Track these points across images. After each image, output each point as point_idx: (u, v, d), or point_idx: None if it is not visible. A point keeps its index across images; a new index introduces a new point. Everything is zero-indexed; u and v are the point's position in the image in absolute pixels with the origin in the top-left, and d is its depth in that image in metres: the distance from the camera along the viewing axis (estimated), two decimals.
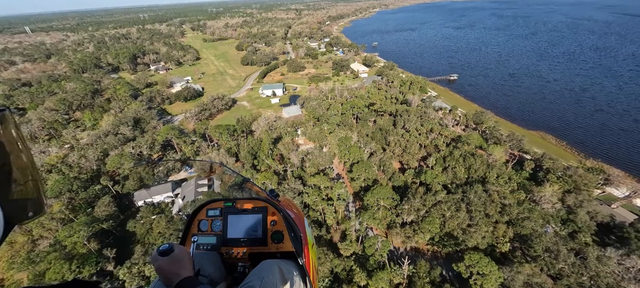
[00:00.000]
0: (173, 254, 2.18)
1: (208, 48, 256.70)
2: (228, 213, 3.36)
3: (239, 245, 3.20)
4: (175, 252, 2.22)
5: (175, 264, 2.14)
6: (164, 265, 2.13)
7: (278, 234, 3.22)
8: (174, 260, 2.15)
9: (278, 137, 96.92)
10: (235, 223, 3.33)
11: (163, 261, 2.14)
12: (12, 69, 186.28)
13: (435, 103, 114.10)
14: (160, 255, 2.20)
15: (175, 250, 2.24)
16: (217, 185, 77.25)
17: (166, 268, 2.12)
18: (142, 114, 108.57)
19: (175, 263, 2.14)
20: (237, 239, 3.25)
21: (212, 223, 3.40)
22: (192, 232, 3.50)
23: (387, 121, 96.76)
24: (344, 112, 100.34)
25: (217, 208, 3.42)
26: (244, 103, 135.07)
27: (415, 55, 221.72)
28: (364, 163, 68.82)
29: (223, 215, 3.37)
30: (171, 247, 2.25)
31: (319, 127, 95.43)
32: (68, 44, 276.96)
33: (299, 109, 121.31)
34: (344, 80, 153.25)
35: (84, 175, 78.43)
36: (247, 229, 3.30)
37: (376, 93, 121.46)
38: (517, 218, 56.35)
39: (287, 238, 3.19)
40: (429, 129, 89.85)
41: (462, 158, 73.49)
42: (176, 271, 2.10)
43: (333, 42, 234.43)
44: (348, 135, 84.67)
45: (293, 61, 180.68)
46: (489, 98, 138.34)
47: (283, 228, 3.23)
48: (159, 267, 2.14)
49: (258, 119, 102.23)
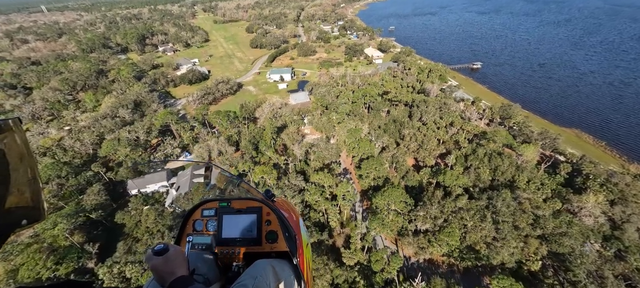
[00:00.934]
0: (168, 254, 2.17)
1: (218, 30, 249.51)
2: (223, 214, 3.27)
3: (233, 245, 3.13)
4: (170, 252, 2.21)
5: (170, 264, 2.13)
6: (158, 264, 2.11)
7: (272, 234, 3.17)
8: (168, 260, 2.13)
9: (283, 126, 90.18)
10: (230, 224, 3.25)
11: (157, 261, 2.13)
12: (24, 48, 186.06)
13: (456, 93, 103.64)
14: (155, 254, 2.18)
15: (170, 250, 2.22)
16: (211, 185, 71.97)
17: (160, 267, 2.11)
18: (144, 96, 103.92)
19: (169, 263, 2.13)
20: (232, 239, 3.18)
21: (207, 223, 3.30)
22: (187, 231, 3.36)
23: (402, 112, 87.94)
24: (354, 101, 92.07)
25: (212, 209, 3.33)
26: (250, 88, 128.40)
27: (435, 41, 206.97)
28: (374, 160, 61.20)
29: (218, 215, 3.29)
30: (166, 247, 2.23)
31: (327, 116, 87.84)
32: (80, 23, 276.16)
33: (307, 95, 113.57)
34: (356, 66, 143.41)
35: (78, 159, 74.76)
36: (242, 229, 3.22)
37: (391, 81, 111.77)
38: (552, 233, 47.93)
39: (281, 238, 3.14)
40: (449, 122, 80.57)
41: (487, 157, 64.58)
42: (170, 270, 2.09)
43: (347, 26, 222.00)
44: (358, 127, 76.81)
45: (304, 45, 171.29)
46: (515, 90, 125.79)
47: (277, 228, 3.18)
48: (154, 266, 2.12)
49: (262, 105, 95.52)
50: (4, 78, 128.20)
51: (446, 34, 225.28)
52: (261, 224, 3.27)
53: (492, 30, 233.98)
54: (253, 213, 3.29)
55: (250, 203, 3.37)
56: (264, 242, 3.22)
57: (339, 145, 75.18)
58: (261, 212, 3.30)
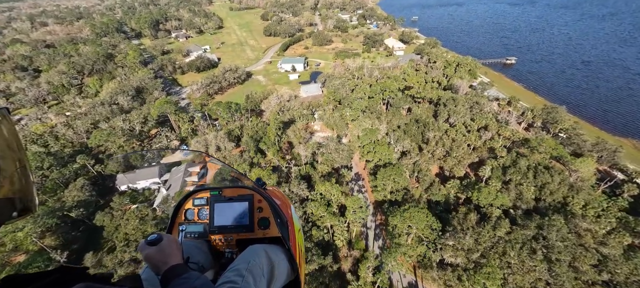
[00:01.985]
0: (161, 244, 2.14)
1: (233, 17, 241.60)
2: (214, 202, 3.25)
3: (226, 233, 3.14)
4: (164, 241, 2.18)
5: (163, 253, 2.11)
6: (152, 254, 2.09)
7: (264, 221, 3.19)
8: (162, 249, 2.11)
9: (290, 120, 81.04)
10: (221, 212, 3.23)
11: (151, 250, 2.11)
12: (42, 30, 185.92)
13: (489, 92, 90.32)
14: (148, 244, 2.15)
15: (164, 240, 2.20)
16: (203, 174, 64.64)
17: (154, 257, 2.09)
18: (146, 83, 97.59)
19: (163, 252, 2.11)
20: (224, 227, 3.17)
21: (198, 212, 3.27)
22: (178, 221, 3.32)
23: (426, 111, 76.44)
24: (372, 96, 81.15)
25: (204, 197, 3.29)
26: (259, 77, 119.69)
27: (462, 34, 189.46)
28: (393, 169, 50.77)
29: (209, 203, 3.26)
30: (160, 237, 2.21)
31: (340, 111, 77.74)
32: (100, 8, 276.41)
33: (319, 88, 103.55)
34: (375, 58, 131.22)
35: (69, 149, 69.10)
36: (234, 217, 3.21)
37: (413, 74, 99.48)
38: (627, 282, 36.38)
39: (273, 224, 3.16)
40: (482, 125, 68.44)
41: (531, 171, 52.72)
42: (164, 259, 2.07)
43: (367, 15, 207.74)
44: (375, 127, 66.40)
45: (319, 33, 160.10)
46: (556, 89, 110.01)
47: (269, 215, 3.19)
48: (147, 256, 2.10)
49: (269, 97, 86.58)
50: (15, 60, 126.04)
51: (475, 26, 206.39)
52: (253, 211, 3.21)
53: (526, 23, 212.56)
54: (245, 201, 3.24)
55: (242, 191, 3.31)
56: (256, 229, 3.18)
57: (352, 146, 65.17)
58: (253, 200, 3.24)
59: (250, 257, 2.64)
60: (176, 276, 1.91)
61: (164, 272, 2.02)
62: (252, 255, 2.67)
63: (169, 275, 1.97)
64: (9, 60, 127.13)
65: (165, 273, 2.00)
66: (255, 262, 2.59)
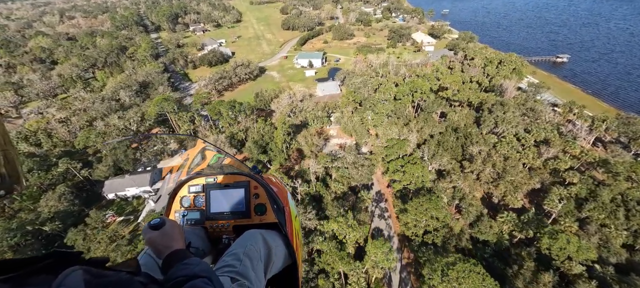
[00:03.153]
0: (164, 228, 2.13)
1: (252, 10, 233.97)
2: (210, 189, 3.22)
3: (222, 219, 3.13)
4: (167, 225, 2.17)
5: (166, 237, 2.10)
6: (155, 238, 2.09)
7: (261, 207, 3.16)
8: (165, 233, 2.11)
9: (303, 123, 70.30)
10: (218, 198, 3.20)
11: (154, 234, 2.10)
12: (67, 24, 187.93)
13: (544, 96, 74.23)
14: (151, 229, 2.14)
15: (167, 224, 2.18)
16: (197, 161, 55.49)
17: (157, 241, 2.08)
18: (153, 77, 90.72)
19: (166, 236, 2.10)
20: (221, 213, 3.16)
21: (195, 199, 3.23)
22: (174, 209, 3.29)
23: (465, 117, 62.53)
24: (399, 97, 68.24)
25: (199, 184, 3.25)
26: (273, 73, 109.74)
27: (499, 28, 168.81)
28: (429, 201, 38.23)
29: (205, 190, 3.22)
30: (163, 221, 2.18)
31: (361, 114, 65.78)
32: (126, 2, 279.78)
33: (337, 86, 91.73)
34: (401, 53, 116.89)
35: (60, 148, 62.74)
36: (230, 203, 3.19)
37: (447, 73, 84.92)
38: None
39: (270, 210, 3.14)
40: (541, 138, 53.74)
41: (620, 207, 38.24)
42: (167, 244, 2.07)
43: (392, 7, 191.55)
44: (403, 137, 53.93)
45: (340, 27, 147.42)
46: (622, 94, 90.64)
47: (266, 201, 3.16)
48: (150, 239, 2.10)
49: (281, 96, 76.13)
50: (33, 52, 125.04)
51: (514, 20, 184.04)
52: (249, 198, 3.17)
53: (575, 16, 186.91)
54: (241, 188, 3.20)
55: (238, 178, 3.25)
56: (253, 215, 3.15)
57: (374, 159, 53.11)
58: (249, 186, 3.20)
59: (248, 242, 2.60)
60: (178, 260, 1.87)
61: (167, 255, 1.98)
62: (250, 240, 2.63)
63: (171, 259, 1.93)
64: (29, 53, 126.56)
65: (168, 257, 1.96)
66: (253, 246, 2.55)
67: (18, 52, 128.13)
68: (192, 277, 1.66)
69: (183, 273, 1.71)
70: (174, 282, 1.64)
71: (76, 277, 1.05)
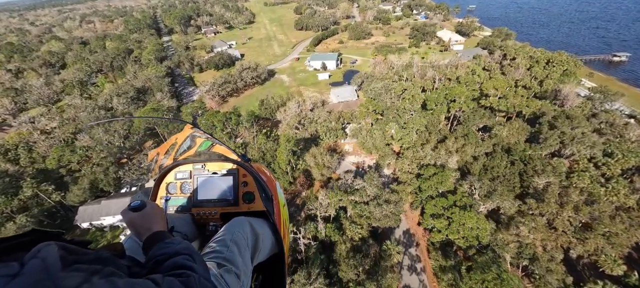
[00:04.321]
0: (145, 209, 2.04)
1: (266, 11, 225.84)
2: (198, 176, 3.13)
3: (210, 206, 3.06)
4: (147, 207, 2.07)
5: (147, 219, 2.01)
6: (134, 218, 2.01)
7: (249, 195, 3.08)
8: (145, 214, 2.02)
9: (314, 136, 59.01)
10: (205, 185, 3.12)
11: (134, 215, 2.02)
12: (84, 27, 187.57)
13: (615, 105, 58.58)
14: (131, 210, 2.05)
15: (147, 206, 2.09)
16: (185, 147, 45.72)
17: (137, 222, 2.00)
18: (153, 82, 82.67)
19: (146, 218, 2.01)
20: (208, 200, 3.09)
21: (181, 185, 3.14)
22: (160, 194, 3.22)
23: (517, 132, 48.65)
24: (431, 107, 55.23)
25: (187, 171, 3.15)
26: (283, 77, 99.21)
27: (536, 24, 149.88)
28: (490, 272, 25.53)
29: (192, 177, 3.13)
30: (143, 203, 2.10)
31: (382, 127, 53.59)
32: (144, 7, 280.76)
33: (354, 91, 79.63)
34: (427, 53, 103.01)
35: (40, 164, 54.90)
36: (218, 191, 3.11)
37: (484, 76, 70.65)
38: None
39: (258, 199, 3.06)
40: (629, 165, 39.25)
41: None
42: (148, 225, 1.98)
43: (413, 4, 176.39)
44: (440, 159, 41.20)
45: (356, 26, 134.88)
46: None
47: (254, 189, 3.09)
48: (130, 221, 2.02)
49: (289, 103, 65.12)
50: (42, 56, 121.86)
51: (553, 15, 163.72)
52: (238, 185, 3.08)
53: (623, 10, 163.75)
54: (229, 175, 3.12)
55: (226, 165, 3.15)
56: (241, 203, 3.08)
57: (402, 191, 40.58)
58: (237, 174, 3.11)
59: (235, 228, 2.56)
60: (159, 241, 1.80)
61: (147, 237, 1.90)
62: (237, 227, 2.60)
63: (152, 240, 1.85)
64: (39, 57, 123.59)
65: (148, 238, 1.88)
66: (240, 233, 2.52)
67: (31, 57, 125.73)
68: (173, 254, 1.60)
69: (164, 251, 1.64)
70: (154, 260, 1.58)
71: (51, 251, 0.99)
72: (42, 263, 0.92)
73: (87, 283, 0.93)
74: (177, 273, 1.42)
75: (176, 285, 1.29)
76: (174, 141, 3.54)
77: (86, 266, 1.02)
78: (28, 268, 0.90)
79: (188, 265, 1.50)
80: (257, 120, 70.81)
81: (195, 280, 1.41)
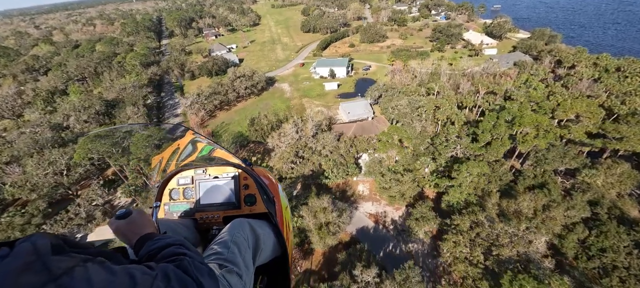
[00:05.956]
0: (131, 216, 2.03)
1: (273, 13, 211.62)
2: (199, 181, 3.12)
3: (212, 210, 3.06)
4: (134, 214, 2.06)
5: (134, 224, 1.98)
6: (121, 226, 1.99)
7: (251, 197, 3.08)
8: (132, 221, 2.01)
9: (314, 173, 43.07)
10: (207, 190, 3.11)
11: (120, 223, 2.00)
12: (82, 30, 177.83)
13: None
14: (117, 219, 2.05)
15: (134, 213, 2.08)
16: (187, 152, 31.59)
17: (124, 229, 1.98)
18: (128, 92, 68.39)
19: (133, 224, 1.99)
20: (211, 204, 3.08)
21: (184, 191, 3.14)
22: (163, 201, 3.18)
23: (619, 182, 31.37)
24: (483, 139, 38.08)
25: (188, 176, 3.15)
26: (283, 86, 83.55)
27: (574, 26, 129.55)
28: None
29: (194, 182, 3.12)
30: (129, 211, 2.10)
31: (412, 165, 37.15)
32: (150, 10, 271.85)
33: (368, 106, 63.07)
34: (455, 58, 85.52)
35: None
36: (220, 194, 3.10)
37: (542, 90, 53.00)
38: None
39: (260, 201, 3.06)
40: None
41: None
42: (136, 231, 1.95)
43: (431, 4, 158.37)
44: (522, 241, 24.38)
45: (369, 27, 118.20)
46: None
47: (255, 191, 3.08)
48: (117, 228, 2.00)
49: (285, 125, 49.15)
50: (26, 61, 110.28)
51: (590, 16, 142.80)
52: (239, 188, 3.07)
53: None
54: (231, 179, 3.10)
55: (227, 169, 3.16)
56: (243, 205, 3.06)
57: None
58: (239, 177, 3.11)
59: (235, 230, 2.55)
60: (149, 240, 1.77)
61: (137, 240, 1.85)
62: (237, 228, 2.58)
63: (142, 241, 1.81)
64: (23, 62, 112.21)
65: (138, 241, 1.83)
66: (240, 234, 2.50)
67: (17, 62, 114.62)
68: (165, 246, 1.58)
69: (155, 246, 1.62)
70: (147, 255, 1.57)
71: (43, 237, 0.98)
72: (32, 247, 0.91)
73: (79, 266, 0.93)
74: (171, 260, 1.42)
75: (170, 268, 1.27)
76: (177, 146, 3.46)
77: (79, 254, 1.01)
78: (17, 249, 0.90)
79: (180, 252, 1.50)
80: (246, 144, 55.39)
81: (188, 262, 1.40)
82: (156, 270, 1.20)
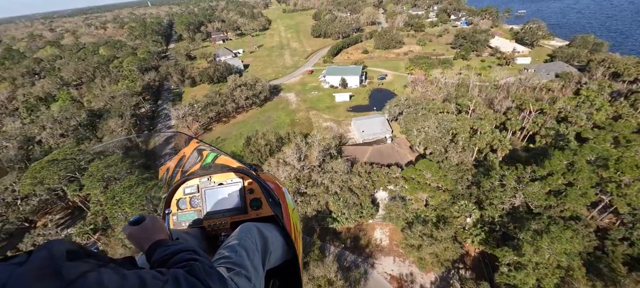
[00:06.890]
0: (144, 223, 2.05)
1: (283, 18, 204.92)
2: (205, 188, 3.14)
3: (219, 217, 3.08)
4: (147, 220, 2.09)
5: (147, 231, 2.01)
6: (134, 232, 2.01)
7: (256, 201, 3.08)
8: (145, 227, 2.02)
9: (321, 214, 33.69)
10: (213, 197, 3.13)
11: (133, 229, 2.02)
12: (91, 33, 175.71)
13: None
14: (131, 225, 2.06)
15: (147, 219, 2.10)
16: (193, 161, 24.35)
17: (137, 235, 2.00)
18: (118, 100, 61.18)
19: (146, 230, 2.01)
20: (217, 211, 3.10)
21: (190, 200, 3.15)
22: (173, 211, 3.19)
23: None
24: (534, 173, 27.77)
25: (194, 185, 3.16)
26: (289, 95, 74.77)
27: (612, 32, 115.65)
28: None
29: (200, 191, 3.14)
30: (143, 217, 2.11)
31: (444, 206, 27.34)
32: (163, 14, 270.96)
33: (386, 124, 53.21)
34: (484, 68, 74.65)
35: None
36: (226, 201, 3.11)
37: (606, 108, 42.06)
38: None
39: (265, 204, 3.06)
40: None
41: None
42: (148, 236, 1.98)
43: (449, 9, 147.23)
44: None
45: (385, 32, 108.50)
46: None
47: (261, 195, 3.08)
48: (130, 234, 2.02)
49: (286, 149, 40.12)
50: (26, 64, 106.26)
51: (630, 21, 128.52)
52: (244, 193, 3.07)
53: None
54: (236, 185, 3.11)
55: (232, 175, 3.16)
56: (249, 210, 3.06)
57: None
58: (244, 182, 3.10)
59: (243, 234, 2.55)
60: (160, 246, 1.81)
61: (149, 247, 1.87)
62: (244, 232, 2.58)
63: (154, 247, 1.84)
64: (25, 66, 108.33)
65: (150, 247, 1.86)
66: (248, 238, 2.48)
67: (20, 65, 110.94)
68: (176, 252, 1.61)
69: (166, 252, 1.66)
70: (159, 262, 1.60)
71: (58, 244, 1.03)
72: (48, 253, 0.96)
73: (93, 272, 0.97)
74: (182, 265, 1.45)
75: (181, 273, 1.31)
76: (182, 155, 3.48)
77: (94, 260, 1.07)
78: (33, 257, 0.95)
79: (191, 257, 1.53)
80: None
81: (198, 267, 1.43)
82: (167, 275, 1.24)
